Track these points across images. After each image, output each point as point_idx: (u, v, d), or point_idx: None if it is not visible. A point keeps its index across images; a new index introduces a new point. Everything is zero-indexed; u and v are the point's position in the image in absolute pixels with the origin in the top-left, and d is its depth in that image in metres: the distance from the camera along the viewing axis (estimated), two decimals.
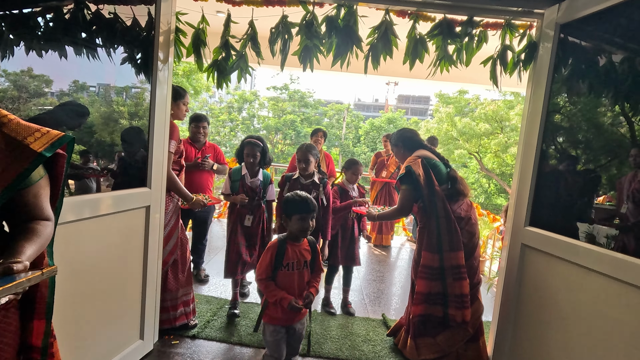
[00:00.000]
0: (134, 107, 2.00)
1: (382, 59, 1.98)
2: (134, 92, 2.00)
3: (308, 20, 1.93)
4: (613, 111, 1.59)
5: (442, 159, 2.20)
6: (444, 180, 2.09)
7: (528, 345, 1.81)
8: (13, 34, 1.42)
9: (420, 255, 2.05)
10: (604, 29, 1.64)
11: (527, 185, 1.86)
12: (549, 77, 1.80)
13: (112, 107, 1.87)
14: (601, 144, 1.69)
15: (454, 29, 1.93)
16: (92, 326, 1.61)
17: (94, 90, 1.83)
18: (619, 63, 1.55)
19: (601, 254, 1.44)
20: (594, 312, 1.47)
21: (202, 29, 2.00)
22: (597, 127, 1.70)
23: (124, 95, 1.96)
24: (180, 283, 2.27)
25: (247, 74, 2.03)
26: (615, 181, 1.58)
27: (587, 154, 1.76)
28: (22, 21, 1.47)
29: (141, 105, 1.98)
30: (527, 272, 1.86)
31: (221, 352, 2.11)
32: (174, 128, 2.12)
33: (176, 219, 2.24)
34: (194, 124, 3.15)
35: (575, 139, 1.83)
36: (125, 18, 1.83)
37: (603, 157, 1.66)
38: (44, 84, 1.54)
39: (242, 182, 2.53)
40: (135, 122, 1.98)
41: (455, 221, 1.98)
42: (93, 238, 1.57)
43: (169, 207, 2.19)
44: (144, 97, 1.96)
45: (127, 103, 1.95)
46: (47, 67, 1.51)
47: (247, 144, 2.53)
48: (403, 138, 2.28)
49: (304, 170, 2.51)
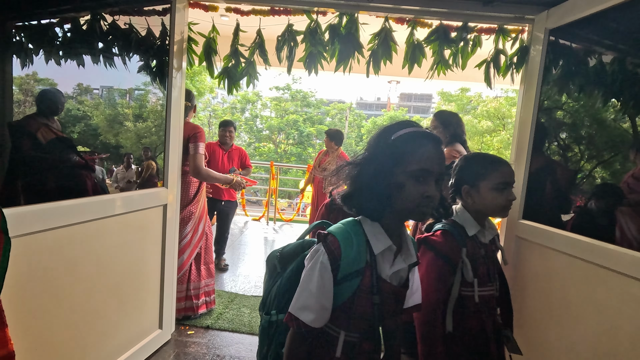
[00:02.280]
0: (139, 109, 2.11)
1: (383, 64, 2.10)
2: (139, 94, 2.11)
3: (312, 28, 2.05)
4: (603, 110, 1.70)
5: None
6: None
7: (524, 331, 1.92)
8: (33, 44, 1.54)
9: None
10: (592, 32, 1.76)
11: (520, 180, 1.98)
12: (539, 78, 1.91)
13: (116, 110, 1.97)
14: (590, 141, 1.81)
15: (450, 34, 2.04)
16: (115, 317, 1.75)
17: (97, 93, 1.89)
18: (608, 64, 1.66)
19: (587, 243, 1.56)
20: (584, 297, 1.58)
21: (213, 38, 2.13)
22: (588, 125, 1.81)
23: (128, 97, 2.05)
24: (202, 274, 2.46)
25: (255, 80, 2.16)
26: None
27: (577, 150, 1.88)
28: (41, 32, 1.59)
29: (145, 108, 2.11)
30: (521, 262, 1.98)
31: (234, 341, 2.25)
32: (202, 132, 2.30)
33: (201, 214, 2.41)
34: (222, 128, 3.48)
35: (566, 136, 1.94)
36: (140, 29, 1.96)
37: (590, 153, 1.78)
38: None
39: None
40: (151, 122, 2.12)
41: None
42: (115, 235, 1.70)
43: (198, 203, 2.37)
44: (148, 99, 2.10)
45: (132, 105, 2.06)
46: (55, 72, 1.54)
47: None
48: (453, 125, 2.23)
49: None
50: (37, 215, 1.31)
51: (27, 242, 1.27)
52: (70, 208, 1.44)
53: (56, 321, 1.42)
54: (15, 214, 1.22)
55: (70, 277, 1.46)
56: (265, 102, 21.25)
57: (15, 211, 1.23)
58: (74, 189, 1.59)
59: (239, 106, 20.81)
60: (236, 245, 4.48)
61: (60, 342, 1.44)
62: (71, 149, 1.65)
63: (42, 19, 1.57)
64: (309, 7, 2.05)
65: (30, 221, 1.28)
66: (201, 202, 2.42)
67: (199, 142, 2.27)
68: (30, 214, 1.29)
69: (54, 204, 1.38)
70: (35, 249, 1.31)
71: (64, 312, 1.45)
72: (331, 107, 22.18)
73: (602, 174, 1.72)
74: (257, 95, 20.88)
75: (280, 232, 5.38)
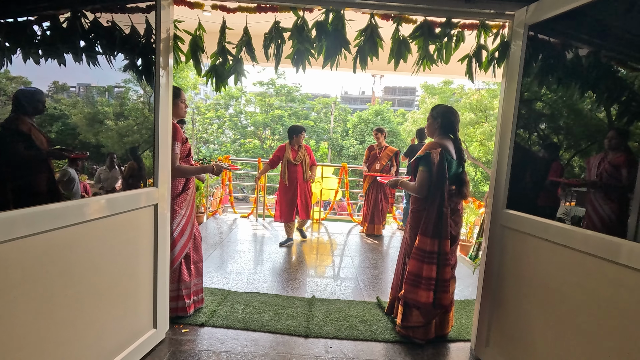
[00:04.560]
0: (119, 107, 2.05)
1: (369, 59, 2.13)
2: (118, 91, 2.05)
3: (299, 25, 2.06)
4: (580, 101, 1.78)
5: (460, 157, 2.30)
6: (451, 179, 2.25)
7: (509, 316, 2.01)
8: (10, 42, 1.49)
9: (413, 237, 2.26)
10: (569, 27, 1.83)
11: (504, 171, 2.05)
12: (520, 71, 1.98)
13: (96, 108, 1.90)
14: (568, 131, 1.89)
15: (434, 30, 2.09)
16: (109, 319, 1.75)
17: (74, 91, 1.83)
18: (584, 57, 1.74)
19: (567, 230, 1.64)
20: (565, 282, 1.66)
21: (199, 35, 2.12)
22: (566, 115, 1.90)
23: (107, 95, 1.98)
24: (192, 274, 2.46)
25: (243, 77, 2.16)
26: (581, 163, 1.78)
27: (555, 140, 1.96)
28: (19, 30, 1.54)
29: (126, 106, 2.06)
30: (506, 251, 2.06)
31: (229, 337, 2.27)
32: (176, 129, 2.26)
33: (189, 212, 2.40)
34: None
35: (546, 127, 2.02)
36: (124, 27, 1.93)
37: (568, 142, 1.86)
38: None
39: None
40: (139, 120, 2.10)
41: (449, 213, 2.20)
42: (107, 236, 1.69)
43: (183, 204, 2.35)
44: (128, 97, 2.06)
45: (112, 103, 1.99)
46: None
47: None
48: (445, 117, 2.30)
49: None
50: (19, 220, 1.30)
51: (15, 248, 1.26)
52: (54, 212, 1.42)
53: (47, 327, 1.41)
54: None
55: (61, 281, 1.46)
56: (249, 98, 21.06)
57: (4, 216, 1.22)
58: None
59: (223, 102, 20.56)
60: (226, 242, 4.48)
61: (53, 348, 1.43)
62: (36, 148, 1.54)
63: (19, 16, 1.53)
64: (296, 3, 2.06)
65: (19, 226, 1.27)
66: (188, 201, 2.39)
67: (173, 142, 2.23)
68: (10, 219, 1.28)
69: (37, 208, 1.37)
70: (23, 254, 1.30)
71: (55, 317, 1.44)
72: (316, 102, 22.13)
73: (580, 163, 1.81)
74: (241, 91, 20.66)
75: (270, 228, 5.40)
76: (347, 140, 21.06)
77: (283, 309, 2.68)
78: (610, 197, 1.59)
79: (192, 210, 2.44)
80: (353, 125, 21.39)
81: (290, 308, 2.71)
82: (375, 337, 2.36)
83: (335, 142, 21.34)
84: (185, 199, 2.38)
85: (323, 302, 2.85)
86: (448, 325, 2.41)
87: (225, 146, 20.24)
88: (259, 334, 2.34)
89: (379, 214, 5.20)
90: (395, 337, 2.38)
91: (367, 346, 2.28)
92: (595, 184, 1.63)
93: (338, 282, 3.36)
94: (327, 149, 21.13)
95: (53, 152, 1.61)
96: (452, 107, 2.36)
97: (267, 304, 2.74)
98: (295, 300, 2.86)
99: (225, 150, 19.77)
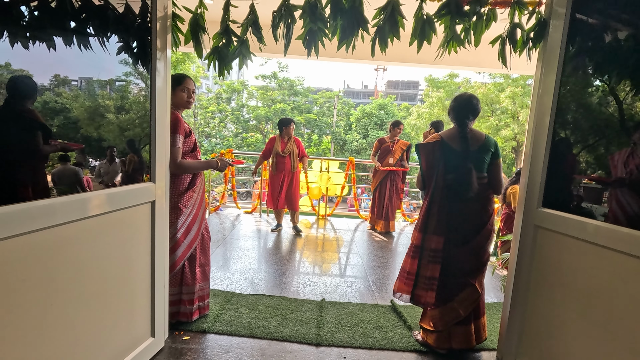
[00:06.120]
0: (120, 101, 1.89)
1: (390, 41, 1.92)
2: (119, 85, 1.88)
3: (312, 2, 1.85)
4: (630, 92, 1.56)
5: (466, 148, 2.02)
6: (450, 171, 2.05)
7: (542, 325, 1.82)
8: None
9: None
10: (627, 3, 1.59)
11: (540, 167, 1.84)
12: (560, 56, 1.76)
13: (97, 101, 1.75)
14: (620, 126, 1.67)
15: (462, 7, 1.87)
16: (101, 328, 1.57)
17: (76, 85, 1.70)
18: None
19: (616, 231, 1.44)
20: (610, 288, 1.47)
21: (201, 13, 1.90)
22: (616, 108, 1.68)
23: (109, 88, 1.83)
24: (197, 277, 2.26)
25: (249, 60, 1.95)
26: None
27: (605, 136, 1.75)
28: (3, 10, 1.36)
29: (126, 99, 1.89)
30: (540, 253, 1.86)
31: (234, 346, 2.09)
32: (177, 120, 2.05)
33: (196, 211, 2.20)
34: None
35: (585, 120, 1.81)
36: (117, 5, 1.72)
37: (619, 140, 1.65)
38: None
39: None
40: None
41: (447, 207, 2.03)
42: (96, 237, 1.50)
43: (189, 202, 2.16)
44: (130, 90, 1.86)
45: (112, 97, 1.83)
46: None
47: None
48: (452, 107, 2.13)
49: None
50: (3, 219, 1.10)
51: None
52: (31, 211, 1.23)
53: (26, 343, 1.23)
54: None
55: (44, 289, 1.27)
56: (251, 91, 20.79)
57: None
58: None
59: (225, 96, 20.31)
60: (229, 239, 4.30)
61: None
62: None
63: None
64: None
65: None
66: (194, 199, 2.20)
67: (174, 134, 2.02)
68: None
69: (21, 205, 1.18)
70: (6, 257, 1.11)
71: (37, 330, 1.26)
72: (319, 96, 21.85)
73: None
74: (243, 85, 20.39)
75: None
76: (351, 134, 20.80)
77: (291, 313, 2.49)
78: None
79: (199, 209, 2.23)
80: (356, 119, 21.11)
81: (299, 312, 2.52)
82: (392, 346, 2.17)
83: (338, 136, 21.08)
84: (192, 196, 2.18)
85: (334, 306, 2.66)
86: (480, 336, 2.17)
87: (227, 140, 20.01)
88: (265, 341, 2.16)
89: (393, 210, 4.99)
90: (414, 345, 2.19)
91: (384, 356, 2.09)
92: None
93: (348, 283, 3.17)
94: (330, 143, 20.89)
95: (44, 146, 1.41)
96: (463, 95, 2.13)
97: (273, 308, 2.56)
98: (304, 303, 2.68)
99: (228, 144, 19.54)
